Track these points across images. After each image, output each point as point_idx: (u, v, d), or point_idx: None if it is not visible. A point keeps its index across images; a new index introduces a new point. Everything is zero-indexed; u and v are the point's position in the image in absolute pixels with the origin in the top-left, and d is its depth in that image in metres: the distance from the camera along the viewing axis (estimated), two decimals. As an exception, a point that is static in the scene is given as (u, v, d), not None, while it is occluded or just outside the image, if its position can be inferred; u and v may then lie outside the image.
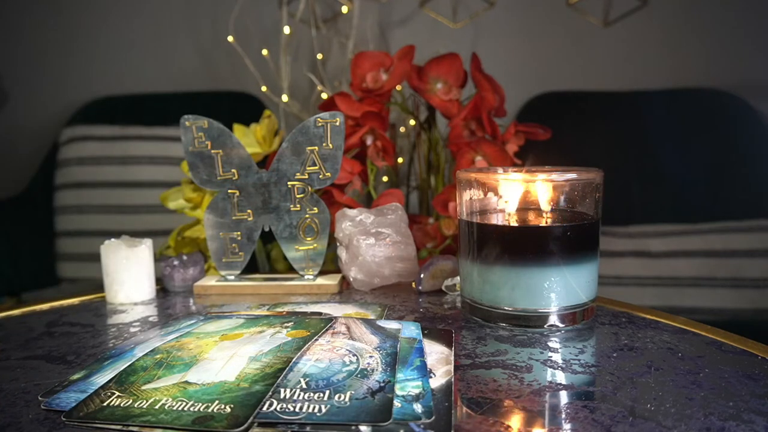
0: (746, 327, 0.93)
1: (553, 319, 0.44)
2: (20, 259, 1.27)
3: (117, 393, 0.33)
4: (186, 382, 0.34)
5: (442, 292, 0.55)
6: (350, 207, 0.60)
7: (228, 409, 0.30)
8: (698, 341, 0.41)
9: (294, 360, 0.36)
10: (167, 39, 1.49)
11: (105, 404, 0.31)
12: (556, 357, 0.38)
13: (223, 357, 0.37)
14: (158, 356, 0.38)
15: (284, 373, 0.35)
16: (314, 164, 0.55)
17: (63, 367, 0.38)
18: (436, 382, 0.34)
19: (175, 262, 0.59)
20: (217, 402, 0.31)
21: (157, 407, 0.31)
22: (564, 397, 0.33)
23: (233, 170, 0.55)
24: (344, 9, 1.25)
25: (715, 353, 0.39)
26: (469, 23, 1.40)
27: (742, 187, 1.26)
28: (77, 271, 1.29)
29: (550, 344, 0.41)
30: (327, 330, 0.42)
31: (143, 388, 0.33)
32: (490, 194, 0.46)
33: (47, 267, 1.30)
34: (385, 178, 0.90)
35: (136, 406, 0.31)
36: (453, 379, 0.34)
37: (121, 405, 0.31)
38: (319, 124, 0.54)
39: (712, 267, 1.12)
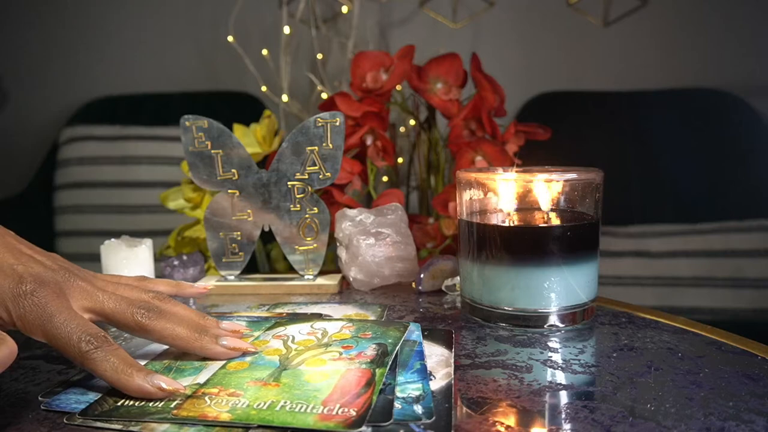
0: (746, 327, 0.93)
1: (553, 319, 0.44)
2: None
3: None
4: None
5: (442, 292, 0.55)
6: (350, 207, 0.60)
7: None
8: (698, 341, 0.41)
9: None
10: (167, 39, 1.49)
11: (119, 404, 0.32)
12: (556, 357, 0.38)
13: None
14: (166, 361, 0.37)
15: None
16: (314, 164, 0.54)
17: (63, 367, 0.38)
18: (437, 383, 0.34)
19: (175, 262, 0.59)
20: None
21: (172, 406, 0.31)
22: (564, 397, 0.33)
23: (233, 170, 0.55)
24: (344, 9, 1.25)
25: (715, 353, 0.39)
26: (469, 23, 1.40)
27: (742, 187, 1.26)
28: (77, 271, 1.29)
29: (550, 344, 0.41)
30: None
31: None
32: (490, 194, 0.46)
33: (47, 267, 1.30)
34: (385, 178, 0.90)
35: (150, 406, 0.31)
36: (453, 380, 0.34)
37: (136, 405, 0.31)
38: (319, 124, 0.54)
39: (712, 267, 1.12)
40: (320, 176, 0.55)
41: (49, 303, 0.33)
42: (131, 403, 0.32)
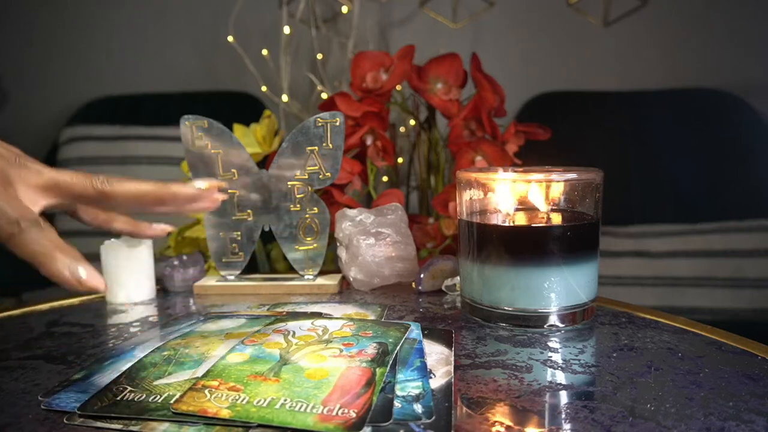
0: (746, 327, 0.93)
1: (553, 319, 0.44)
2: (20, 259, 1.26)
3: (129, 388, 0.33)
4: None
5: (442, 292, 0.55)
6: (350, 207, 0.60)
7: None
8: (698, 341, 0.41)
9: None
10: (167, 39, 1.49)
11: (119, 398, 0.32)
12: (556, 357, 0.38)
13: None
14: (166, 353, 0.38)
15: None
16: (314, 164, 0.54)
17: (63, 367, 0.38)
18: (436, 382, 0.34)
19: (175, 262, 0.59)
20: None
21: (171, 400, 0.31)
22: (564, 397, 0.33)
23: (233, 170, 0.55)
24: (344, 9, 1.25)
25: (715, 353, 0.39)
26: (469, 23, 1.40)
27: (742, 187, 1.26)
28: (77, 271, 1.29)
29: (550, 344, 0.41)
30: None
31: (155, 383, 0.34)
32: (490, 194, 0.46)
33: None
34: (385, 178, 0.90)
35: (150, 400, 0.31)
36: (453, 380, 0.34)
37: (135, 399, 0.32)
38: (319, 124, 0.54)
39: (712, 267, 1.12)
40: (320, 176, 0.55)
41: None
42: (131, 398, 0.32)
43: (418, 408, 0.31)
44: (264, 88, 1.21)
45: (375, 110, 0.69)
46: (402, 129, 0.99)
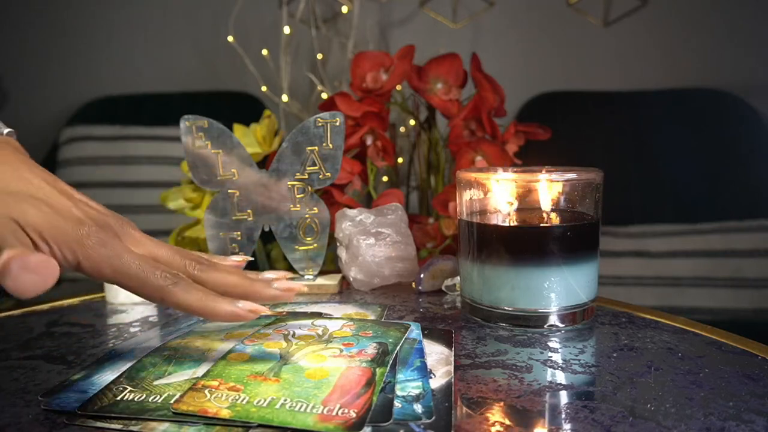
0: (746, 327, 0.93)
1: (553, 319, 0.44)
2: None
3: (129, 388, 0.33)
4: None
5: (442, 292, 0.55)
6: (350, 207, 0.60)
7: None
8: (698, 341, 0.41)
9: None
10: (167, 39, 1.49)
11: (119, 398, 0.32)
12: (556, 357, 0.38)
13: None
14: (166, 353, 0.38)
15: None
16: (314, 164, 0.54)
17: (63, 367, 0.38)
18: (436, 382, 0.34)
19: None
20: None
21: (171, 400, 0.31)
22: (564, 397, 0.33)
23: (233, 170, 0.55)
24: (344, 9, 1.25)
25: (715, 353, 0.39)
26: (469, 23, 1.40)
27: (742, 187, 1.26)
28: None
29: (550, 344, 0.41)
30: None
31: (155, 383, 0.34)
32: (490, 194, 0.46)
33: (47, 267, 1.30)
34: (385, 178, 0.90)
35: (150, 400, 0.31)
36: (453, 380, 0.34)
37: (135, 399, 0.32)
38: (319, 124, 0.54)
39: (712, 267, 1.12)
40: (320, 176, 0.55)
41: (114, 243, 0.34)
42: (131, 398, 0.32)
43: (418, 408, 0.31)
44: (264, 88, 1.21)
45: (375, 110, 0.69)
46: (402, 129, 0.99)
